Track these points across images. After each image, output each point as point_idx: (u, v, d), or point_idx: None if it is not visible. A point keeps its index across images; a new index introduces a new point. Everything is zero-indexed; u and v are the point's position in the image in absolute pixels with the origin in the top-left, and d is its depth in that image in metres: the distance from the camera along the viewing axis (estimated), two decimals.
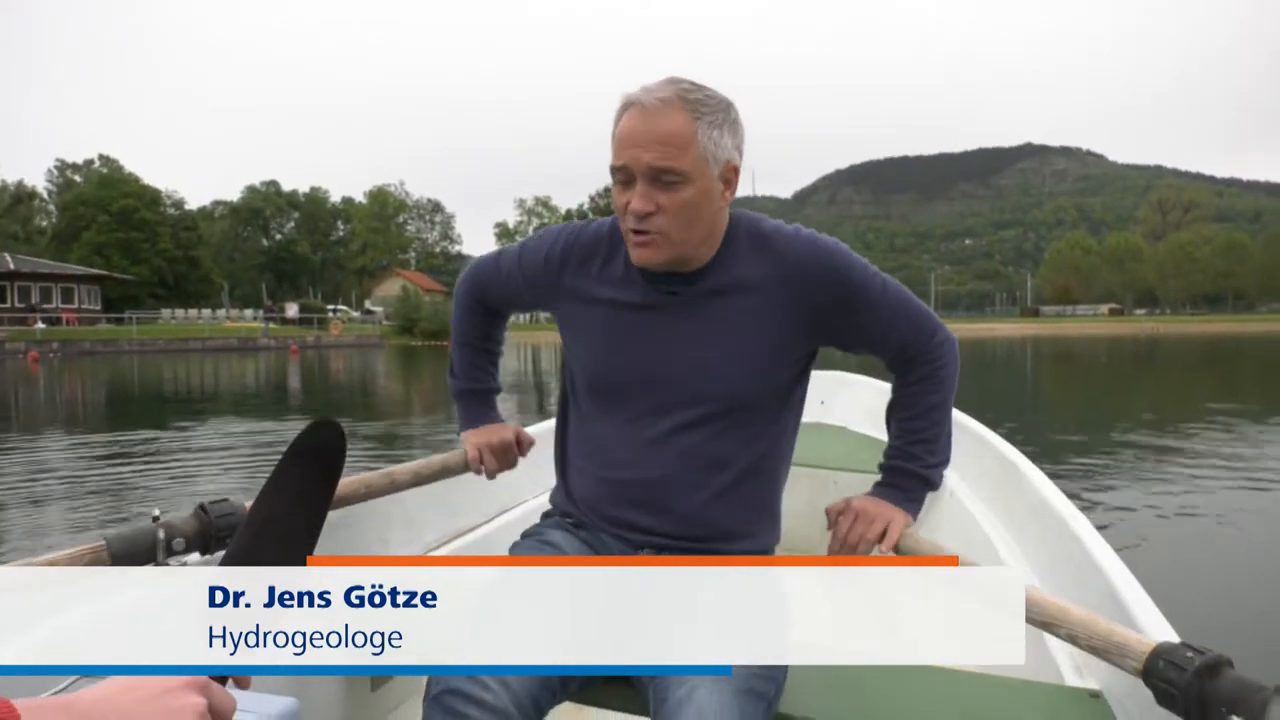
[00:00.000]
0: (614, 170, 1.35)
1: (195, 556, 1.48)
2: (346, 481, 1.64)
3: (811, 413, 4.13)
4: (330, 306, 77.30)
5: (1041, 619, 1.31)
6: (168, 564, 1.44)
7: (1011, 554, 2.31)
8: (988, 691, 1.51)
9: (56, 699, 0.60)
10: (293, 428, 11.65)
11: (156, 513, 1.45)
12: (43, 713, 0.56)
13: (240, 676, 0.79)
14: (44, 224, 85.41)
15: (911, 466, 1.50)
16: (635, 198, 1.32)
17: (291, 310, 65.20)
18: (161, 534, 1.43)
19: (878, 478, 1.57)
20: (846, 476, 3.24)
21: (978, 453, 2.97)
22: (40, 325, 45.85)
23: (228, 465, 8.55)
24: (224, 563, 0.93)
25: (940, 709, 1.44)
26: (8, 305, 52.09)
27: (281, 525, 0.98)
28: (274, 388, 20.95)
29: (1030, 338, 60.21)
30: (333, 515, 1.83)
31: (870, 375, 4.74)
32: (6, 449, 9.92)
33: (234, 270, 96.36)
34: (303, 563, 0.95)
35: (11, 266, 53.00)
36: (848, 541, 1.43)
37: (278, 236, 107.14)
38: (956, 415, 3.48)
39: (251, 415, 13.45)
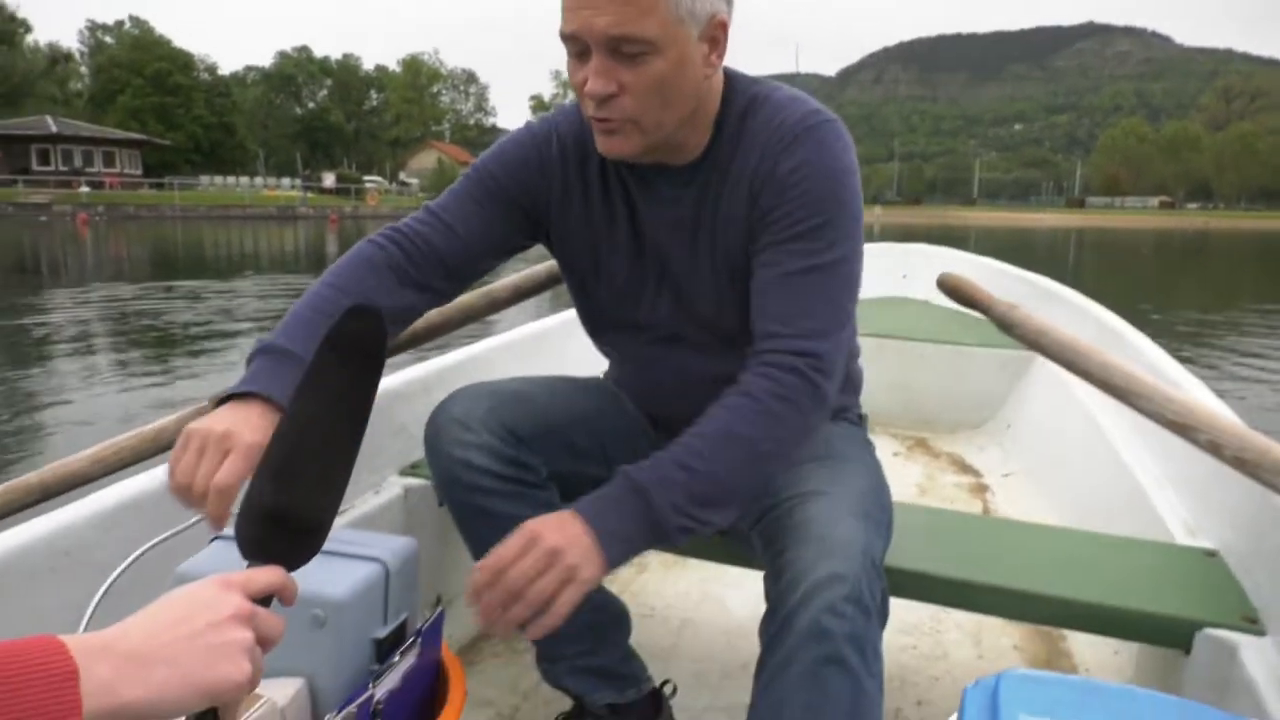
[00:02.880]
0: (564, 38, 1.07)
1: None
2: (439, 311, 1.54)
3: (894, 286, 4.05)
4: (365, 177, 76.84)
5: (1180, 419, 1.21)
6: None
7: (1115, 425, 2.18)
8: (1097, 548, 1.44)
9: (98, 637, 0.58)
10: None
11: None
12: (84, 654, 0.55)
13: (287, 593, 0.74)
14: (79, 87, 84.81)
15: (650, 487, 1.00)
16: (591, 75, 1.04)
17: (328, 180, 64.99)
18: None
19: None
20: (935, 348, 3.22)
21: (1073, 319, 2.80)
22: (85, 189, 46.16)
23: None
24: (260, 471, 0.82)
25: (1047, 564, 1.37)
26: (51, 168, 52.43)
27: (322, 429, 0.85)
28: (316, 256, 21.22)
29: (1075, 229, 58.56)
30: (391, 406, 1.83)
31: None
32: (79, 302, 10.32)
33: (268, 139, 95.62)
34: (348, 471, 0.85)
35: (54, 129, 53.09)
36: (504, 580, 0.93)
37: (310, 105, 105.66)
38: (1047, 283, 3.52)
39: (302, 277, 13.78)
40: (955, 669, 1.72)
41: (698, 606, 1.94)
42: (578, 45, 1.06)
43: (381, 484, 1.73)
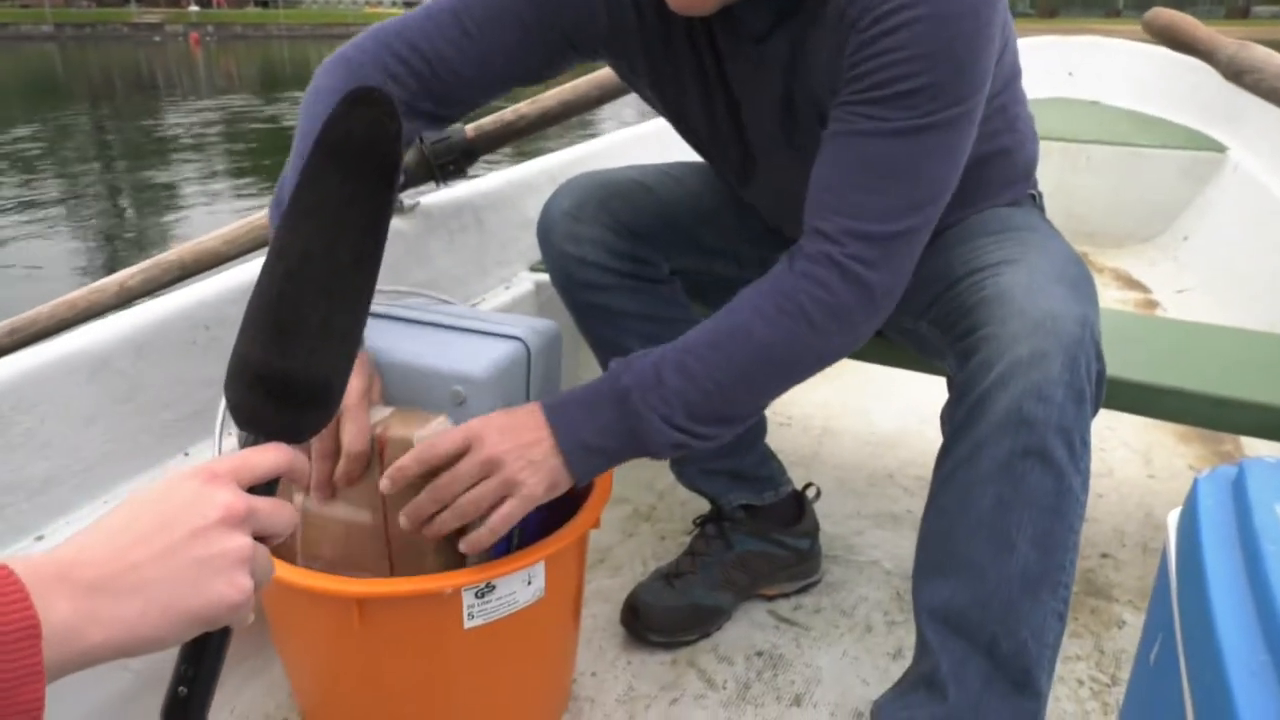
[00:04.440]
0: None
1: (428, 186, 1.55)
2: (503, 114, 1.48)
3: (1058, 86, 3.60)
4: None
5: None
6: (401, 200, 1.51)
7: None
8: None
9: (51, 562, 0.44)
10: None
11: None
12: (39, 589, 0.41)
13: (296, 474, 0.59)
14: None
15: (634, 392, 0.84)
16: None
17: None
18: None
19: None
20: (1103, 151, 2.91)
21: (1271, 113, 2.42)
22: (194, 8, 46.68)
23: None
24: (248, 322, 0.65)
25: (1240, 368, 1.23)
26: None
27: (324, 265, 0.65)
28: None
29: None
30: (518, 197, 1.70)
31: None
32: (201, 111, 10.68)
33: None
34: (363, 312, 0.67)
35: None
36: (434, 484, 0.81)
37: None
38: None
39: None
40: (1122, 486, 1.59)
41: (839, 416, 1.84)
42: None
43: (512, 279, 1.66)
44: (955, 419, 0.87)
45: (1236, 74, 1.30)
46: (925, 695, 0.91)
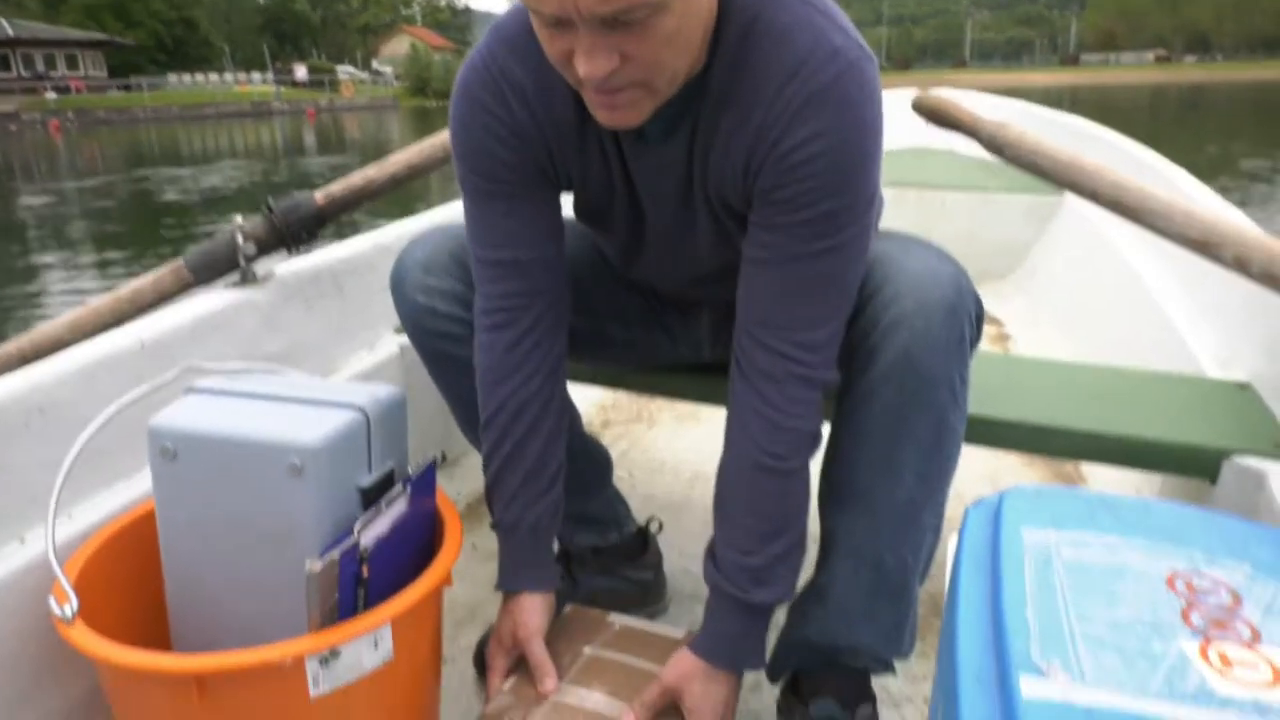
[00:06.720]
0: (533, 12, 0.81)
1: (281, 255, 1.54)
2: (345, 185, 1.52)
3: (916, 136, 3.74)
4: (337, 68, 74.68)
5: (1202, 237, 1.16)
6: (253, 270, 1.51)
7: (1146, 262, 2.13)
8: (1123, 382, 1.40)
9: None
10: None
11: (239, 219, 1.50)
12: None
13: None
14: None
15: (737, 593, 1.02)
16: (582, 58, 0.79)
17: (300, 72, 63.16)
18: (239, 238, 1.49)
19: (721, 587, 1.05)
20: (955, 196, 3.11)
21: (1101, 155, 2.74)
22: (51, 95, 44.85)
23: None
24: None
25: (1069, 399, 1.32)
26: (13, 75, 50.62)
27: None
28: (297, 148, 21.00)
29: (1068, 87, 57.17)
30: (381, 260, 1.80)
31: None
32: (66, 195, 10.25)
33: (232, 33, 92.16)
34: None
35: (11, 33, 50.77)
36: None
37: None
38: (1077, 122, 3.30)
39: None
40: None
41: (711, 459, 1.89)
42: (554, 17, 0.78)
43: (376, 341, 1.67)
44: (852, 367, 0.98)
45: (998, 150, 1.44)
46: (816, 604, 1.07)
